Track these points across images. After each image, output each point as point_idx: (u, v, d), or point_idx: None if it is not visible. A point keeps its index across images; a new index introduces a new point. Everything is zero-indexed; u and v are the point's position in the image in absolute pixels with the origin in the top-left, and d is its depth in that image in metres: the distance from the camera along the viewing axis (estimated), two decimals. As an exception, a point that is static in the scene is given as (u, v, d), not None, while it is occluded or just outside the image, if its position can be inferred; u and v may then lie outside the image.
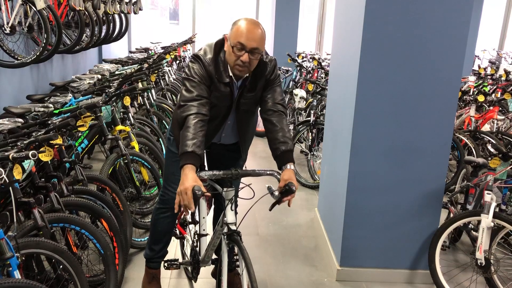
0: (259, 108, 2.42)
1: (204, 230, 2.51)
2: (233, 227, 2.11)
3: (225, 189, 2.15)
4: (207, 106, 2.18)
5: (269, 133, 2.30)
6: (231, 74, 2.23)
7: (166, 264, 2.82)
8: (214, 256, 2.56)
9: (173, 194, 2.54)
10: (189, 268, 2.79)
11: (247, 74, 2.26)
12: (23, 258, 2.06)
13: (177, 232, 2.91)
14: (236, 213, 2.21)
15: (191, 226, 2.86)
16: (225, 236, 2.11)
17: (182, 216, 2.88)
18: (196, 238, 2.64)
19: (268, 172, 2.17)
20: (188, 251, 2.96)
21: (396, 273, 3.15)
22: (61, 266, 2.27)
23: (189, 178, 1.94)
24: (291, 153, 2.23)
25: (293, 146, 2.27)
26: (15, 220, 2.15)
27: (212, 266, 2.79)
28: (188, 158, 2.00)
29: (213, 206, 2.83)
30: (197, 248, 2.63)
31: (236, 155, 2.58)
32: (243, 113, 2.39)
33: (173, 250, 3.39)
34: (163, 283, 2.98)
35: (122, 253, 2.76)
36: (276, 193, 2.10)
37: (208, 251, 2.46)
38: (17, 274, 1.94)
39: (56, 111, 3.72)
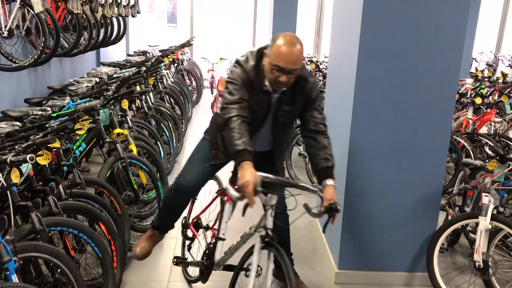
0: (301, 126, 2.49)
1: (223, 234, 2.58)
2: (270, 233, 2.15)
3: (269, 195, 2.17)
4: (248, 109, 2.26)
5: (311, 148, 2.39)
6: (267, 84, 2.30)
7: (175, 260, 2.88)
8: (228, 262, 2.59)
9: (189, 182, 2.60)
10: (199, 269, 2.78)
11: (284, 88, 2.33)
12: (21, 262, 2.05)
13: (188, 232, 2.96)
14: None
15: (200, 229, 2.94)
16: (262, 239, 2.14)
17: (200, 216, 2.96)
18: (214, 240, 2.67)
19: (312, 189, 2.22)
20: (194, 252, 3.01)
21: (395, 276, 3.15)
22: (59, 270, 2.26)
23: (250, 172, 2.03)
24: (332, 169, 2.31)
25: (334, 163, 2.34)
26: (12, 224, 2.15)
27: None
28: (243, 155, 2.09)
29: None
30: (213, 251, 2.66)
31: (269, 164, 2.61)
32: (280, 125, 2.47)
33: (173, 251, 3.39)
34: (162, 286, 2.98)
35: (120, 257, 2.75)
36: (315, 210, 2.17)
37: (227, 254, 2.51)
38: (14, 278, 1.94)
39: (54, 115, 3.71)
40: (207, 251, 2.71)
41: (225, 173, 3.12)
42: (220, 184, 2.94)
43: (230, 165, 2.62)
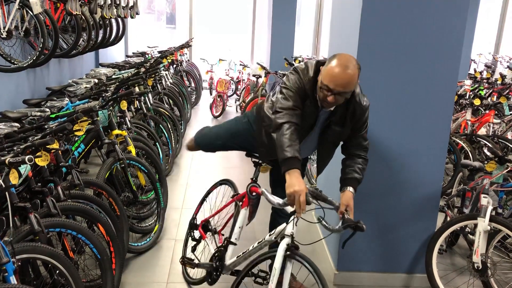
0: (343, 146, 2.52)
1: (236, 239, 2.60)
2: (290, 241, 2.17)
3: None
4: (299, 117, 2.28)
5: (347, 161, 2.44)
6: (318, 99, 2.32)
7: (182, 260, 2.90)
8: (238, 268, 2.59)
9: (205, 146, 3.00)
10: (207, 271, 2.77)
11: (332, 108, 2.35)
12: (19, 263, 2.05)
13: (196, 234, 2.99)
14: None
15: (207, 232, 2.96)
16: (288, 247, 2.17)
17: (209, 219, 2.97)
18: (225, 244, 2.66)
19: (336, 205, 2.25)
20: (198, 252, 3.02)
21: (393, 277, 3.15)
22: (57, 271, 2.26)
23: (301, 181, 2.08)
24: (357, 182, 2.37)
25: (362, 178, 2.39)
26: (11, 225, 2.14)
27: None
28: (292, 163, 2.13)
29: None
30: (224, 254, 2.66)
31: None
32: (329, 143, 2.52)
33: (172, 252, 3.38)
34: (160, 287, 2.99)
35: (119, 258, 2.75)
36: (337, 227, 2.19)
37: (240, 259, 2.52)
38: (13, 280, 1.93)
39: (53, 116, 3.71)
40: (216, 254, 2.69)
41: (233, 177, 3.14)
42: (235, 189, 2.93)
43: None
